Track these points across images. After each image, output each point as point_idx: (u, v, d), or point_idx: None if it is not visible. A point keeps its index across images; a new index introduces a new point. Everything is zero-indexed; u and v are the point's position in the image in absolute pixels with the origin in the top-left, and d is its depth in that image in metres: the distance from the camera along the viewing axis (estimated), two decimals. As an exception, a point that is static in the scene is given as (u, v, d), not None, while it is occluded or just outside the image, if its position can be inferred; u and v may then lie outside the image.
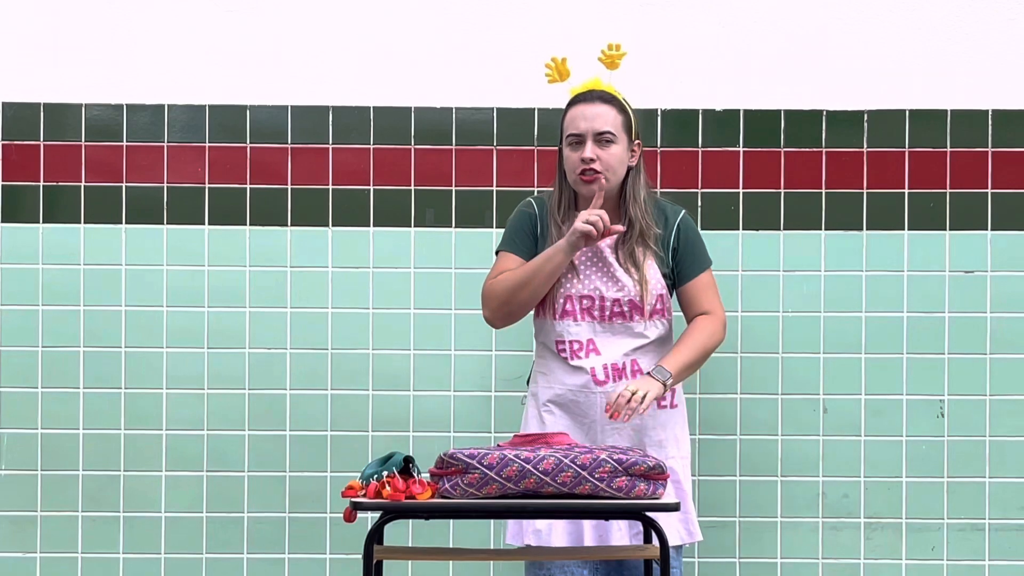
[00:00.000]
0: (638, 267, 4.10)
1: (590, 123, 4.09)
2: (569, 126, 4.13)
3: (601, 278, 4.11)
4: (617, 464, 3.52)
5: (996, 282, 4.86)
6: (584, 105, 4.13)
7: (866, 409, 4.86)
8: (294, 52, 4.88)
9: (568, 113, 4.15)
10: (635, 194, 4.14)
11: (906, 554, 4.86)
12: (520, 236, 4.20)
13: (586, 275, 4.11)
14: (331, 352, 4.87)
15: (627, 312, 4.10)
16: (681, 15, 4.88)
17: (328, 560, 4.86)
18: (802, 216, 4.87)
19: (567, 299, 4.10)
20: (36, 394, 4.86)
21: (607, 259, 4.12)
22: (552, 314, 4.12)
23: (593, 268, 4.12)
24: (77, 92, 4.88)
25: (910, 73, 4.87)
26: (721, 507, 4.85)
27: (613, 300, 4.10)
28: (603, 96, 4.14)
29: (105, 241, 4.87)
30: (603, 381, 4.09)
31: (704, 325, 4.16)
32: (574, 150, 4.10)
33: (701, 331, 4.15)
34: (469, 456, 3.53)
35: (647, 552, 3.75)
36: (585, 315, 4.10)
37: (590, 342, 4.10)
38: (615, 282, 4.11)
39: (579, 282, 4.11)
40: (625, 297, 4.10)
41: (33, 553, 4.86)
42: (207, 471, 4.87)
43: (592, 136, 4.08)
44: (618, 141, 4.11)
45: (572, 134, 4.11)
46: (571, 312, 4.10)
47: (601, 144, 4.08)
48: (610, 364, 4.10)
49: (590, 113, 4.10)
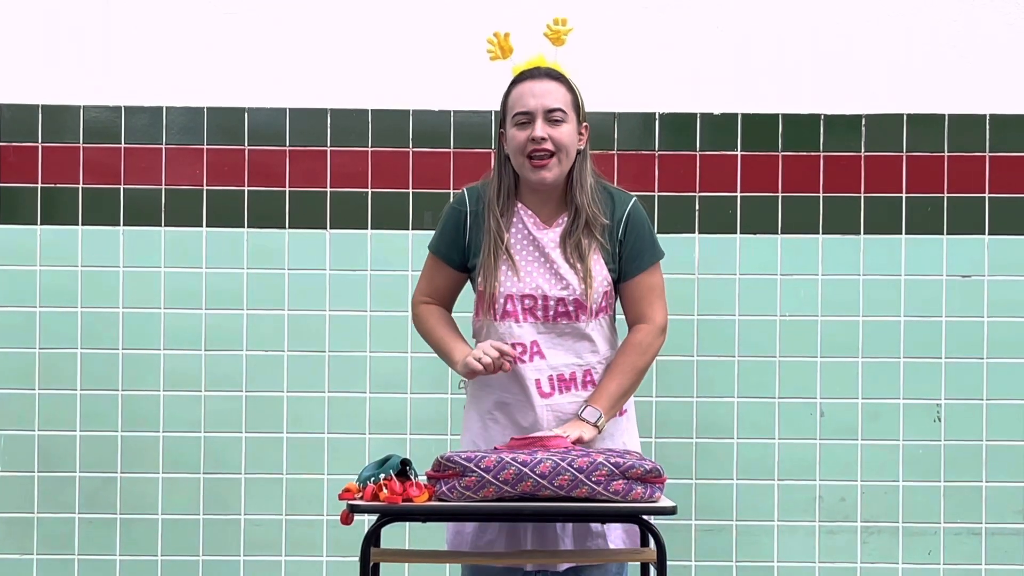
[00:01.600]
0: (583, 259, 3.82)
1: (539, 100, 3.81)
2: (516, 104, 3.84)
3: (543, 275, 3.85)
4: (614, 468, 3.52)
5: (993, 286, 4.87)
6: (531, 82, 3.85)
7: (863, 413, 4.86)
8: (292, 54, 4.88)
9: (513, 91, 3.87)
10: (582, 181, 3.86)
11: (902, 558, 4.86)
12: (447, 241, 3.93)
13: (527, 272, 3.85)
14: (328, 354, 4.87)
15: (572, 312, 3.84)
16: (679, 19, 4.88)
17: (325, 562, 4.86)
18: (799, 220, 4.87)
19: (508, 299, 3.84)
20: (33, 395, 4.86)
21: (549, 254, 3.85)
22: (492, 315, 3.86)
23: (535, 264, 3.86)
24: (75, 94, 4.88)
25: (908, 77, 4.87)
26: (718, 510, 4.85)
27: (557, 299, 3.83)
28: (550, 73, 3.88)
29: (103, 243, 4.87)
30: (548, 393, 3.85)
31: (636, 342, 3.87)
32: (522, 129, 3.82)
33: (633, 350, 3.86)
34: (466, 459, 3.52)
35: (644, 555, 3.75)
36: (528, 315, 3.84)
37: (534, 344, 3.85)
38: (559, 279, 3.84)
39: (520, 280, 3.84)
40: (570, 296, 3.83)
41: (30, 555, 4.86)
42: (204, 473, 4.86)
43: (542, 114, 3.81)
44: (568, 120, 3.83)
45: (520, 112, 3.82)
46: (512, 313, 3.85)
47: (551, 123, 3.80)
48: (555, 375, 3.86)
49: (539, 90, 3.83)
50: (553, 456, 3.52)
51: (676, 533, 4.75)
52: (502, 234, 3.86)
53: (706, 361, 4.86)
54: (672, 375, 4.85)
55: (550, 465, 3.50)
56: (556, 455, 3.52)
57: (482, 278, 3.88)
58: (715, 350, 4.86)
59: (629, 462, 3.53)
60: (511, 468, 3.50)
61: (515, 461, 3.50)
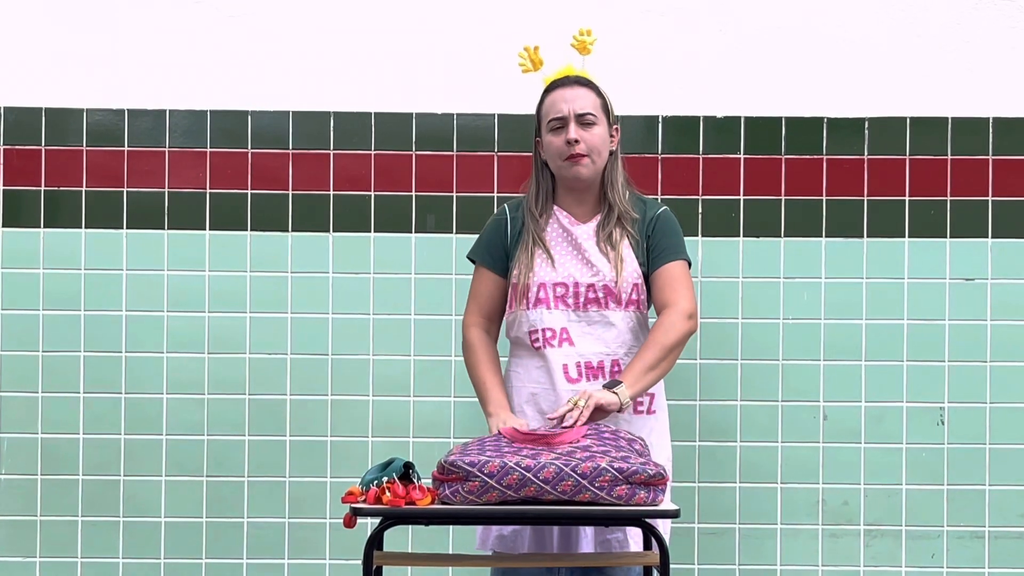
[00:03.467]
0: (614, 247, 4.05)
1: (571, 104, 4.07)
2: (549, 111, 4.10)
3: (575, 264, 4.06)
4: (618, 473, 3.51)
5: (996, 290, 4.87)
6: (562, 89, 4.11)
7: (866, 416, 4.86)
8: (295, 58, 4.88)
9: (546, 99, 4.14)
10: (613, 180, 4.12)
11: (906, 562, 4.86)
12: (491, 248, 4.17)
13: (561, 263, 4.07)
14: (331, 357, 4.87)
15: (602, 299, 4.04)
16: (682, 22, 4.88)
17: (328, 565, 4.86)
18: (803, 223, 4.87)
19: (540, 287, 4.05)
20: (36, 399, 4.86)
21: (582, 245, 4.07)
22: (525, 304, 4.07)
23: (568, 255, 4.08)
24: (79, 97, 4.88)
25: (911, 80, 4.87)
26: (721, 514, 4.85)
27: (587, 286, 4.04)
28: (579, 80, 4.14)
29: (106, 246, 4.87)
30: (575, 379, 4.03)
31: (660, 323, 4.02)
32: (557, 135, 4.08)
33: (656, 328, 4.00)
34: (470, 464, 3.52)
35: (648, 559, 3.75)
36: (559, 303, 4.05)
37: (563, 331, 4.04)
38: (589, 267, 4.05)
39: (553, 270, 4.06)
40: (600, 282, 4.04)
41: (33, 558, 4.86)
42: (207, 476, 4.87)
43: (574, 117, 4.06)
44: (599, 123, 4.09)
45: (554, 118, 4.08)
46: (544, 300, 4.05)
47: (584, 126, 4.07)
48: (583, 362, 4.04)
49: (570, 95, 4.09)
50: (556, 461, 3.52)
51: (679, 536, 4.75)
52: (539, 230, 4.09)
53: (709, 364, 4.86)
54: (674, 378, 4.84)
55: (553, 471, 3.50)
56: (559, 460, 3.52)
57: (517, 270, 4.09)
58: (718, 353, 4.86)
59: (633, 467, 3.53)
60: (514, 474, 3.50)
61: (518, 467, 3.50)
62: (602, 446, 3.64)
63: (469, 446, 3.67)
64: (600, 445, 3.64)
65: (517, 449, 3.61)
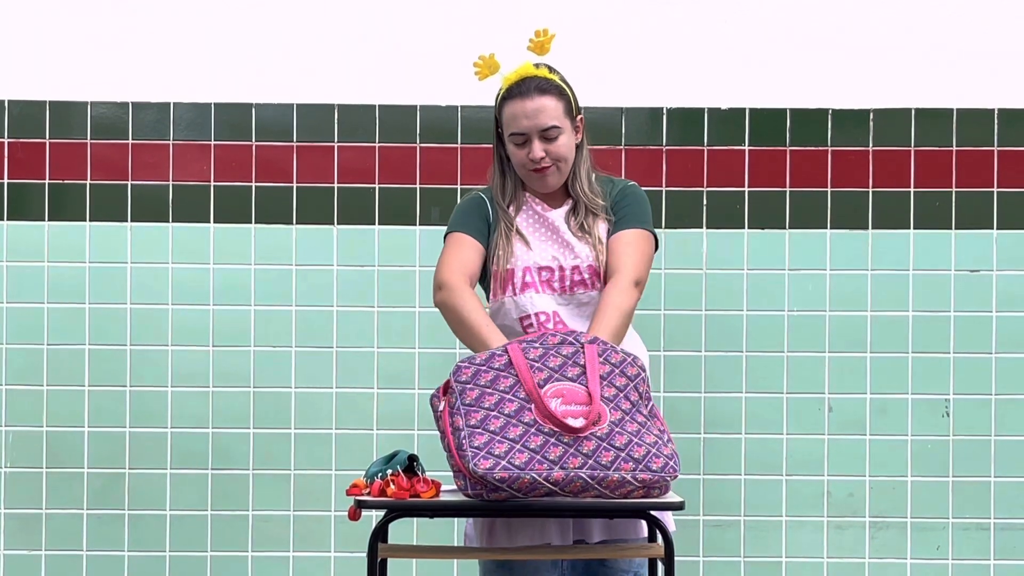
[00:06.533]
0: (590, 231, 3.92)
1: (532, 121, 3.89)
2: (510, 124, 3.91)
3: (556, 248, 3.93)
4: (640, 485, 3.44)
5: (1002, 281, 4.86)
6: (521, 100, 3.90)
7: (871, 408, 4.85)
8: (299, 50, 4.88)
9: (506, 109, 3.93)
10: (578, 171, 3.96)
11: (911, 553, 4.85)
12: (472, 218, 3.97)
13: (542, 247, 3.93)
14: (336, 350, 4.87)
15: (588, 280, 3.91)
16: (686, 13, 4.87)
17: (333, 558, 4.86)
18: (807, 215, 4.87)
19: (526, 271, 3.91)
20: (41, 392, 4.87)
21: (558, 228, 3.95)
22: (512, 290, 3.91)
23: (547, 239, 3.94)
24: (83, 90, 4.88)
25: (916, 71, 4.87)
26: (726, 506, 4.85)
27: (572, 267, 3.91)
28: (539, 86, 3.92)
29: (110, 239, 4.87)
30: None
31: (603, 297, 3.86)
32: (520, 148, 3.91)
33: (602, 306, 3.83)
34: (499, 480, 3.41)
35: (652, 551, 3.74)
36: (545, 287, 3.92)
37: (555, 314, 3.90)
38: (570, 249, 3.92)
39: (535, 252, 3.92)
40: (584, 263, 3.91)
41: (38, 551, 4.87)
42: (212, 469, 4.87)
43: (537, 134, 3.89)
44: (564, 130, 3.91)
45: (515, 133, 3.91)
46: (531, 284, 3.91)
47: (547, 140, 3.90)
48: None
49: (530, 109, 3.89)
50: (583, 473, 3.43)
51: (684, 528, 4.74)
52: (510, 218, 3.95)
53: (714, 356, 4.85)
54: (679, 370, 4.85)
55: (580, 485, 3.42)
56: (585, 469, 3.43)
57: (496, 259, 3.94)
58: (723, 345, 4.85)
59: (656, 476, 3.45)
60: (542, 488, 3.45)
61: (547, 481, 3.42)
62: (620, 429, 3.50)
63: (484, 401, 3.49)
64: (618, 426, 3.51)
65: (544, 442, 3.50)
